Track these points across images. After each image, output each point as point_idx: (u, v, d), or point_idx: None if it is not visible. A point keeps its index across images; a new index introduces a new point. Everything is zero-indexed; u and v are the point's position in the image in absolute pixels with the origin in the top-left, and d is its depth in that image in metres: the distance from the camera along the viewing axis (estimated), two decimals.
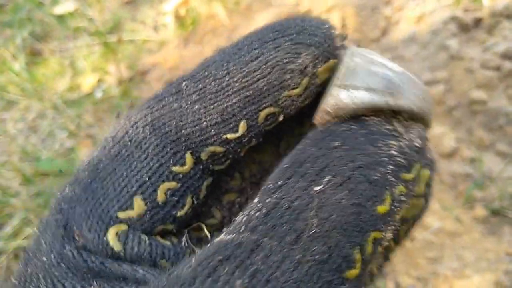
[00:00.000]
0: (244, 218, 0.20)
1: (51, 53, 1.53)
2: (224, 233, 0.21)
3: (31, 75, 1.46)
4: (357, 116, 0.23)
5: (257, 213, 0.20)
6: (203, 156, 0.26)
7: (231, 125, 0.24)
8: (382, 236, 0.21)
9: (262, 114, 0.25)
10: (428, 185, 0.26)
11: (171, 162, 0.25)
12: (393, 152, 0.22)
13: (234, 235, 0.20)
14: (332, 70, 0.25)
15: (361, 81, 0.23)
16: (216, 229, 0.30)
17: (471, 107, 1.12)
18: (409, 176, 0.22)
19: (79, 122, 1.33)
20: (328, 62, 0.24)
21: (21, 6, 1.62)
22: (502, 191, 1.03)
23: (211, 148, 0.25)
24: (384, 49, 1.24)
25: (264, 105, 0.24)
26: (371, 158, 0.21)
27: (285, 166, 0.22)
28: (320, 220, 0.19)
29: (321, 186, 0.20)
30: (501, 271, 0.96)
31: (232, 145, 0.25)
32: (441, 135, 1.10)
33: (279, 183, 0.21)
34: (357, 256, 0.20)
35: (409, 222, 0.26)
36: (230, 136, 0.25)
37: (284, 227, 0.19)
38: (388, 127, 0.23)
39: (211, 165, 0.27)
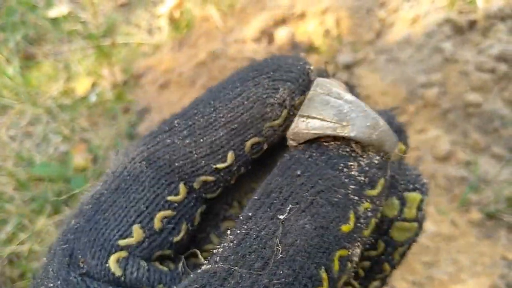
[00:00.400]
0: (220, 250, 0.22)
1: (45, 56, 1.52)
2: (206, 263, 0.23)
3: (25, 79, 1.45)
4: (319, 142, 0.25)
5: (230, 244, 0.22)
6: (196, 185, 0.28)
7: (220, 156, 0.27)
8: (348, 253, 0.22)
9: (248, 144, 0.27)
10: (420, 208, 0.28)
11: (166, 192, 0.27)
12: (353, 172, 0.24)
13: (210, 265, 0.22)
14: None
15: (316, 111, 0.25)
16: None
17: (466, 109, 1.12)
18: (373, 192, 0.24)
19: (73, 126, 1.32)
20: (305, 94, 0.27)
21: (15, 9, 1.61)
22: (498, 194, 1.03)
23: (203, 178, 0.28)
24: (378, 51, 1.23)
25: (249, 136, 0.27)
26: (332, 181, 0.23)
27: (255, 198, 0.24)
28: (285, 246, 0.21)
29: (285, 214, 0.22)
30: (496, 275, 0.96)
31: (222, 174, 0.28)
32: (436, 138, 1.10)
33: (249, 214, 0.23)
34: (323, 275, 0.21)
35: (404, 246, 0.29)
36: (220, 166, 0.27)
37: (253, 256, 0.21)
38: (346, 149, 0.25)
39: (203, 194, 0.29)
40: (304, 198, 0.22)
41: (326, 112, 0.25)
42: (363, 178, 0.24)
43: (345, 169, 0.24)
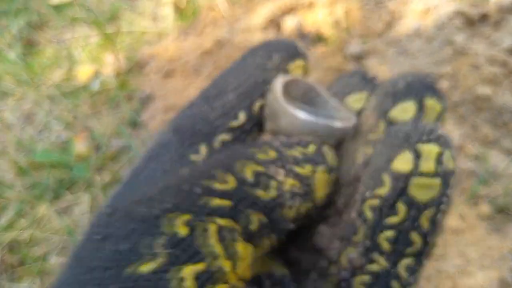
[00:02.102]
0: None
1: (48, 43, 1.50)
2: None
3: (27, 65, 1.43)
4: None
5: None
6: (216, 144, 0.31)
7: (232, 115, 0.31)
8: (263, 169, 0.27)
9: (257, 105, 0.32)
10: (439, 161, 0.26)
11: (189, 153, 0.30)
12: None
13: None
14: (302, 68, 0.34)
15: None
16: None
17: (476, 103, 1.10)
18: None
19: (75, 114, 1.30)
20: (295, 61, 0.33)
21: None
22: (507, 188, 1.02)
23: (220, 137, 0.31)
24: (388, 43, 1.22)
25: (255, 98, 0.32)
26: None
27: None
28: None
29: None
30: (505, 268, 0.95)
31: (237, 132, 0.31)
32: (445, 131, 1.09)
33: None
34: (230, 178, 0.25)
35: (430, 208, 0.26)
36: (234, 123, 0.31)
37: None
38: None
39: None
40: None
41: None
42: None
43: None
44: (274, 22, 1.32)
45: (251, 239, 0.25)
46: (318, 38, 1.29)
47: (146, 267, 0.20)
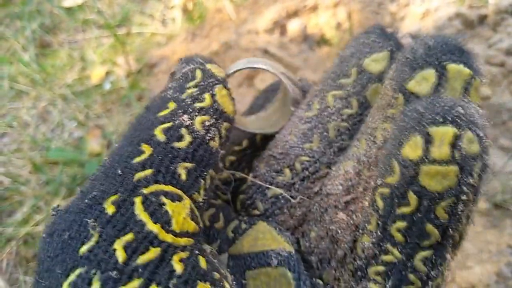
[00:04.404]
0: None
1: (60, 45, 1.55)
2: None
3: (41, 66, 1.48)
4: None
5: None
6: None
7: None
8: (171, 124, 0.28)
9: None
10: (455, 146, 0.23)
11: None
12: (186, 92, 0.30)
13: None
14: None
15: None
16: (260, 219, 0.33)
17: None
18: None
19: (87, 113, 1.35)
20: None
21: None
22: (505, 185, 1.05)
23: None
24: None
25: None
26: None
27: None
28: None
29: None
30: (502, 263, 0.97)
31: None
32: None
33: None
34: (144, 147, 0.26)
35: (445, 198, 0.24)
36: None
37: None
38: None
39: None
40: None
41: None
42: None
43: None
44: (279, 24, 1.36)
45: (185, 190, 0.25)
46: (322, 40, 1.33)
47: (84, 248, 0.22)
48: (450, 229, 0.24)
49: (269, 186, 0.33)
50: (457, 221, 0.24)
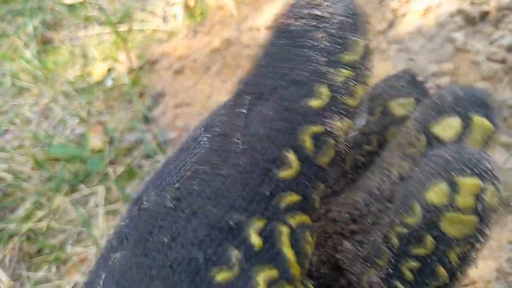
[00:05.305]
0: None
1: (62, 41, 1.55)
2: None
3: (42, 63, 1.48)
4: (283, 27, 0.24)
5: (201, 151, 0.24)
6: None
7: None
8: (323, 129, 0.22)
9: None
10: (479, 198, 0.24)
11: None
12: (323, 44, 0.23)
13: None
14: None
15: None
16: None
17: None
18: (351, 56, 0.23)
19: (89, 109, 1.35)
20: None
21: None
22: (506, 182, 1.05)
23: None
24: (390, 41, 1.26)
25: None
26: (296, 61, 0.23)
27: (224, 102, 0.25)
28: (245, 137, 0.22)
29: (246, 107, 0.22)
30: (503, 258, 0.98)
31: None
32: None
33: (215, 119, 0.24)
34: (290, 156, 0.21)
35: (462, 245, 0.24)
36: None
37: (215, 154, 0.22)
38: (312, 23, 0.23)
39: None
40: (268, 86, 0.22)
41: None
42: (331, 45, 0.23)
43: (312, 43, 0.23)
44: None
45: (314, 217, 0.23)
46: None
47: (221, 276, 0.19)
48: (458, 272, 0.25)
49: None
50: (466, 266, 0.25)
